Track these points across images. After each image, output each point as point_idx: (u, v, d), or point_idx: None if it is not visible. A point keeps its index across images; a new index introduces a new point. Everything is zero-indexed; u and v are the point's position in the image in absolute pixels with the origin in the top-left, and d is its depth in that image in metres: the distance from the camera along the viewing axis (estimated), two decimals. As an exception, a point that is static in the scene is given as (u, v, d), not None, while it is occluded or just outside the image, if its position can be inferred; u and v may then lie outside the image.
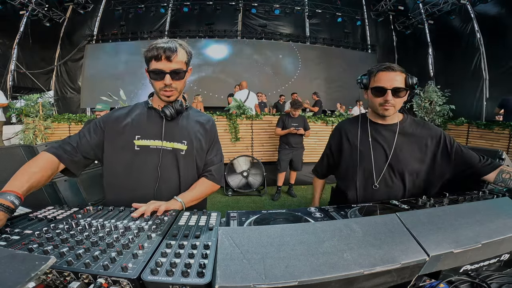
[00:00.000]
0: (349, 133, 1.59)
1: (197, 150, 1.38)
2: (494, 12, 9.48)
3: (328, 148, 1.73)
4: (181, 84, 1.30)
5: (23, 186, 1.02)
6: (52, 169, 1.19)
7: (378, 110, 1.44)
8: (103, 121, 1.35)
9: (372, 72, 1.44)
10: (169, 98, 1.29)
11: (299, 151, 5.01)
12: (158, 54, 1.20)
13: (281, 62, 12.90)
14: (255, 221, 1.01)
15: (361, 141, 1.53)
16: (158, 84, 1.26)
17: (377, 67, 1.43)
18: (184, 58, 1.26)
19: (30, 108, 5.10)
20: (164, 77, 1.23)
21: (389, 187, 1.49)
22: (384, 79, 1.38)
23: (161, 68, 1.22)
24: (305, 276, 0.57)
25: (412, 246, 0.69)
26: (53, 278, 0.67)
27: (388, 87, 1.37)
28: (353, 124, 1.60)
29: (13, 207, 0.93)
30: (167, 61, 1.21)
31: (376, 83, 1.41)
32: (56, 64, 11.78)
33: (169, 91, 1.27)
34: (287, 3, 12.49)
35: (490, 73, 9.96)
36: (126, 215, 1.03)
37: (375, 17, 12.80)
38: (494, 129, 5.48)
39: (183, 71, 1.26)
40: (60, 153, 1.23)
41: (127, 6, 11.92)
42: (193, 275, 0.64)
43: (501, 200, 0.98)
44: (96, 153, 1.32)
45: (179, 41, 1.28)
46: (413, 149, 1.49)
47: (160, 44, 1.21)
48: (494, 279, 0.91)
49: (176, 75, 1.24)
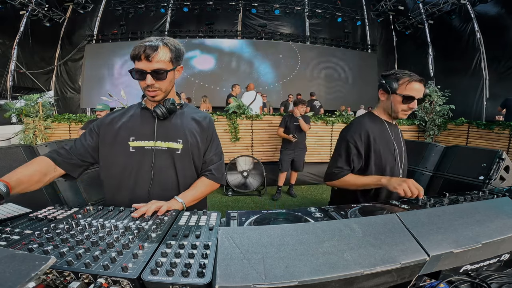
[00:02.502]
0: (373, 132, 1.60)
1: (193, 148, 1.36)
2: (494, 12, 9.48)
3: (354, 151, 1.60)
4: (165, 84, 1.26)
5: (12, 177, 1.03)
6: (46, 169, 1.19)
7: (398, 114, 1.55)
8: (97, 125, 1.35)
9: (403, 78, 1.51)
10: (153, 98, 1.27)
11: (301, 151, 5.01)
12: (138, 53, 1.18)
13: (281, 62, 12.91)
14: (255, 221, 1.01)
15: (386, 140, 1.60)
16: (142, 84, 1.24)
17: (410, 76, 1.51)
18: (166, 57, 1.22)
19: (30, 108, 5.10)
20: (145, 77, 1.20)
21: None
22: (416, 90, 1.49)
23: (141, 68, 1.19)
24: (305, 276, 0.57)
25: (412, 246, 0.69)
26: (53, 278, 0.67)
27: (417, 97, 1.48)
28: (373, 123, 1.63)
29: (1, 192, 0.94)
30: (147, 61, 1.18)
31: (407, 91, 1.49)
32: (56, 64, 11.79)
33: (152, 91, 1.25)
34: (287, 3, 12.49)
35: (490, 73, 9.96)
36: (126, 215, 1.03)
37: (375, 17, 12.80)
38: (494, 129, 5.48)
39: (164, 70, 1.21)
40: (54, 156, 1.25)
41: (127, 6, 11.93)
42: (193, 275, 0.64)
43: (501, 200, 0.98)
44: (93, 156, 1.32)
45: (166, 39, 1.24)
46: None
47: (143, 43, 1.19)
48: (494, 279, 0.91)
49: (157, 75, 1.21)
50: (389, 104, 1.55)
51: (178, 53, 1.28)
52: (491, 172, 1.99)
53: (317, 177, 5.94)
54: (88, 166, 1.36)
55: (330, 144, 6.04)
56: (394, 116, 1.59)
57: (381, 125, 1.62)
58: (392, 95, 1.53)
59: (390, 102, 1.54)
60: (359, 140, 1.58)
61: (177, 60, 1.28)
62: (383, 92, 1.58)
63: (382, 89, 1.57)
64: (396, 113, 1.56)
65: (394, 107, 1.54)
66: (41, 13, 9.90)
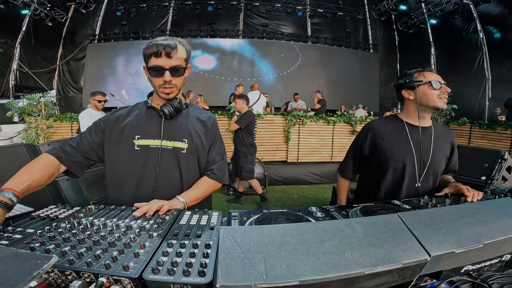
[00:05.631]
0: (384, 133, 1.59)
1: (198, 148, 1.37)
2: (497, 11, 9.43)
3: (359, 149, 1.68)
4: (180, 81, 1.29)
5: (21, 184, 1.03)
6: (53, 170, 1.20)
7: (437, 103, 1.48)
8: (103, 122, 1.35)
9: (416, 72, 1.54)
10: (168, 95, 1.29)
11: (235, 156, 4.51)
12: (158, 50, 1.20)
13: (283, 62, 12.90)
14: (256, 220, 1.01)
15: (400, 141, 1.56)
16: (158, 81, 1.26)
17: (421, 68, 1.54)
18: (183, 55, 1.26)
19: (32, 107, 5.13)
20: (164, 74, 1.22)
21: (425, 187, 1.57)
22: (434, 75, 1.49)
23: (160, 65, 1.21)
24: (306, 276, 0.57)
25: (413, 246, 0.69)
26: (54, 277, 0.67)
27: (441, 81, 1.47)
28: (388, 125, 1.62)
29: (11, 204, 0.94)
30: (167, 58, 1.21)
31: (428, 78, 1.48)
32: (58, 63, 11.82)
33: (169, 87, 1.26)
34: (288, 3, 12.47)
35: (493, 73, 9.92)
36: (127, 214, 1.03)
37: (377, 17, 12.76)
38: (497, 129, 5.46)
39: (182, 67, 1.26)
40: (60, 154, 1.25)
41: (129, 6, 11.94)
42: (194, 274, 0.64)
43: (503, 200, 0.98)
44: (98, 154, 1.33)
45: (178, 39, 1.28)
46: (444, 151, 1.61)
47: (160, 41, 1.21)
48: (496, 280, 0.91)
49: (175, 72, 1.24)
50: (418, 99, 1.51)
51: (189, 53, 1.32)
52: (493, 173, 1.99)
53: (319, 176, 5.94)
54: (91, 165, 1.36)
55: (331, 143, 6.04)
56: (433, 106, 1.49)
57: (398, 126, 1.58)
58: (419, 88, 1.49)
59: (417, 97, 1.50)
60: (365, 141, 1.64)
61: (188, 59, 1.32)
62: (407, 90, 1.55)
63: (405, 88, 1.54)
64: (434, 102, 1.47)
65: (427, 99, 1.48)
66: (43, 12, 9.91)
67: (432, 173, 1.56)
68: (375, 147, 1.60)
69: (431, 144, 1.54)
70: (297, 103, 8.99)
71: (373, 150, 1.61)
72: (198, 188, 1.35)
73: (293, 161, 5.96)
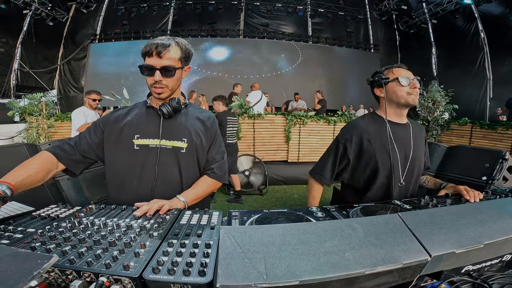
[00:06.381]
0: (368, 133, 1.53)
1: (197, 147, 1.37)
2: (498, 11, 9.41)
3: (342, 150, 1.58)
4: (172, 82, 1.28)
5: (16, 178, 1.03)
6: (50, 167, 1.20)
7: (408, 99, 1.46)
8: (102, 122, 1.36)
9: (386, 70, 1.53)
10: (159, 95, 1.29)
11: None
12: (150, 50, 1.21)
13: (283, 61, 12.90)
14: (257, 220, 1.01)
15: (381, 140, 1.51)
16: (149, 80, 1.26)
17: (388, 66, 1.53)
18: (176, 55, 1.25)
19: (33, 107, 5.14)
20: (154, 73, 1.23)
21: (407, 184, 1.56)
22: (404, 71, 1.49)
23: (151, 64, 1.22)
24: (306, 276, 0.57)
25: (414, 246, 0.68)
26: (55, 276, 0.67)
27: (411, 77, 1.45)
28: (371, 124, 1.56)
29: (4, 195, 0.95)
30: (158, 57, 1.21)
31: (397, 74, 1.47)
32: (59, 63, 11.85)
33: (159, 87, 1.26)
34: (289, 2, 12.47)
35: (494, 73, 9.90)
36: (128, 214, 1.03)
37: (378, 17, 12.74)
38: (498, 129, 5.45)
39: (173, 68, 1.24)
40: (58, 152, 1.25)
41: (130, 6, 11.96)
42: (195, 274, 0.64)
43: (503, 200, 0.98)
44: (97, 154, 1.33)
45: (178, 39, 1.28)
46: (422, 148, 1.61)
47: (155, 41, 1.22)
48: (496, 280, 0.91)
49: (166, 72, 1.24)
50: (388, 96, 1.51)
51: (188, 54, 1.31)
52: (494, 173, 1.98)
53: (319, 176, 5.92)
54: (91, 164, 1.36)
55: (332, 143, 6.03)
56: (404, 103, 1.47)
57: (380, 125, 1.54)
58: (388, 85, 1.49)
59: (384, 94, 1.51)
60: (348, 142, 1.55)
61: (186, 60, 1.31)
62: (378, 88, 1.54)
63: (376, 85, 1.54)
64: (404, 99, 1.46)
65: (397, 96, 1.47)
66: (44, 12, 9.94)
67: (417, 169, 1.56)
68: (361, 150, 1.54)
69: (411, 140, 1.54)
70: (297, 103, 9.00)
71: (360, 153, 1.54)
72: (198, 188, 1.35)
73: (293, 161, 5.96)
